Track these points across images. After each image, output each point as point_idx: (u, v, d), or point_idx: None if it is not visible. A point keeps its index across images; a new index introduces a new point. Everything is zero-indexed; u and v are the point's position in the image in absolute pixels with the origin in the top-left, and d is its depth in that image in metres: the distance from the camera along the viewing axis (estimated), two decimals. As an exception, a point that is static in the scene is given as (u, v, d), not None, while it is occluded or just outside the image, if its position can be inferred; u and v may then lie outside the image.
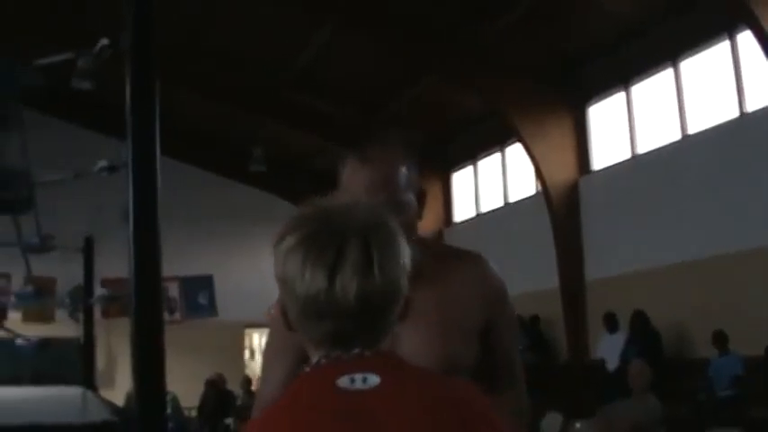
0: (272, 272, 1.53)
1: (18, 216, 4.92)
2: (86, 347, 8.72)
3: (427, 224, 17.55)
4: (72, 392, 6.51)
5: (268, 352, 2.35)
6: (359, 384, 1.34)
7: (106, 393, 14.67)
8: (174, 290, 18.50)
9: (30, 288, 9.81)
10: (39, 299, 10.36)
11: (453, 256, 2.35)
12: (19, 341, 9.62)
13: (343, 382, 1.35)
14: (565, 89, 13.83)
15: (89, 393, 6.99)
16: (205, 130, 20.02)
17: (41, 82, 4.60)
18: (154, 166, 3.97)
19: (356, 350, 1.40)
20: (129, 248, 3.91)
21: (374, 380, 1.35)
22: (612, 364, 11.72)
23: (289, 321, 1.50)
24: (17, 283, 14.29)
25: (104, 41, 4.14)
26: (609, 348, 12.00)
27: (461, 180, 17.57)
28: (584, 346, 13.37)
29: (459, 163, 17.43)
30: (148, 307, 3.96)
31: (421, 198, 2.29)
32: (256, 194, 20.61)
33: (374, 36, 14.16)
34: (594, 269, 13.40)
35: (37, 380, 12.70)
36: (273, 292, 1.61)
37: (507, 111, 13.83)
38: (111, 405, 5.86)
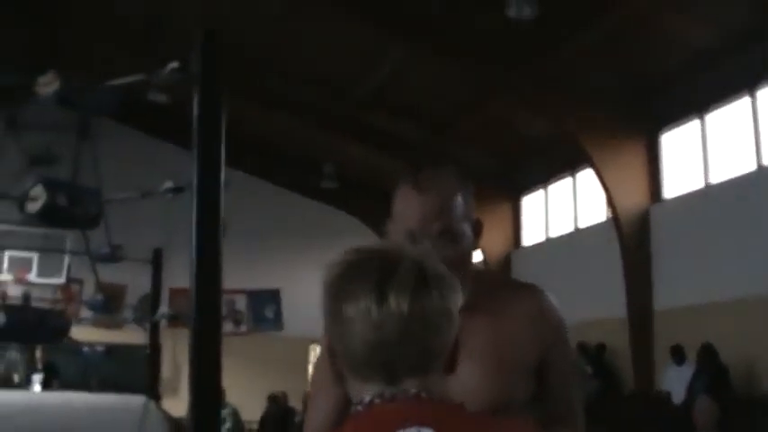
0: None
1: (86, 231, 5.04)
2: (152, 357, 8.85)
3: (496, 247, 17.49)
4: (134, 402, 6.58)
5: (316, 382, 2.32)
6: None
7: (170, 402, 14.91)
8: (241, 302, 18.72)
9: (99, 297, 10.06)
10: (106, 308, 10.63)
11: (510, 288, 2.30)
12: (86, 348, 9.91)
13: None
14: (639, 116, 13.66)
15: (151, 404, 7.08)
16: (278, 146, 20.27)
17: (114, 102, 4.72)
18: (218, 190, 4.05)
19: (411, 390, 1.38)
20: (190, 270, 3.97)
21: None
22: (678, 397, 11.48)
23: (335, 362, 1.50)
24: (89, 288, 14.67)
25: (174, 64, 4.24)
26: (675, 381, 11.77)
27: (532, 204, 17.46)
28: (650, 377, 13.13)
29: (530, 186, 17.33)
30: (207, 330, 4.00)
31: (477, 228, 2.21)
32: (327, 211, 20.79)
33: (448, 57, 14.19)
34: (663, 299, 13.16)
35: (104, 385, 12.95)
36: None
37: (580, 136, 13.71)
38: (170, 418, 5.94)
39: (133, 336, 14.28)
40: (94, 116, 4.62)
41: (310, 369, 21.25)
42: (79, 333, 14.85)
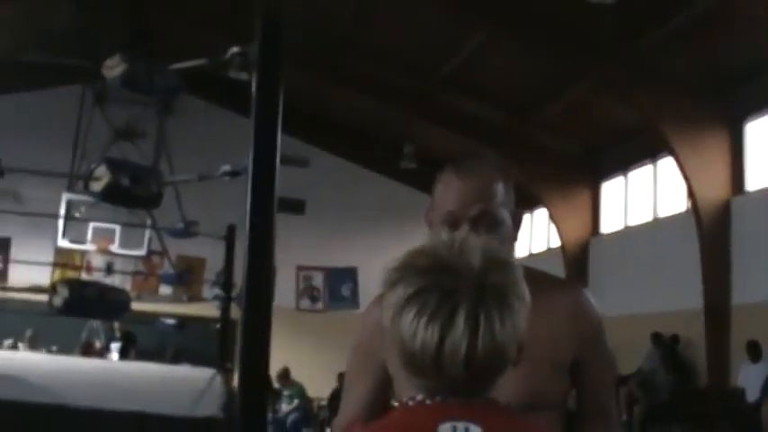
0: None
1: (148, 210, 5.18)
2: (223, 331, 9.03)
3: (574, 233, 17.32)
4: (200, 376, 6.71)
5: (350, 372, 2.33)
6: None
7: (246, 374, 15.20)
8: (318, 279, 18.95)
9: (171, 271, 10.33)
10: (180, 281, 10.92)
11: (550, 284, 2.24)
12: (158, 322, 10.23)
13: (445, 429, 1.34)
14: (722, 105, 13.31)
15: (218, 378, 7.21)
16: (360, 126, 20.41)
17: (180, 83, 4.84)
18: (272, 175, 4.10)
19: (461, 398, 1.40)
20: (244, 251, 4.06)
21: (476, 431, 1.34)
22: (753, 395, 11.24)
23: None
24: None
25: (235, 49, 4.33)
26: (750, 378, 11.52)
27: (611, 191, 17.20)
28: (725, 372, 12.87)
29: (609, 173, 17.08)
30: (257, 316, 4.07)
31: (517, 219, 2.20)
32: (406, 191, 20.82)
33: (530, 42, 14.08)
34: (742, 293, 12.85)
35: (178, 356, 13.26)
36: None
37: (661, 124, 13.45)
38: (230, 394, 6.06)
39: (212, 308, 14.65)
40: (162, 98, 4.75)
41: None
42: (158, 303, 15.26)
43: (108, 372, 6.12)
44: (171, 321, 10.12)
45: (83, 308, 4.85)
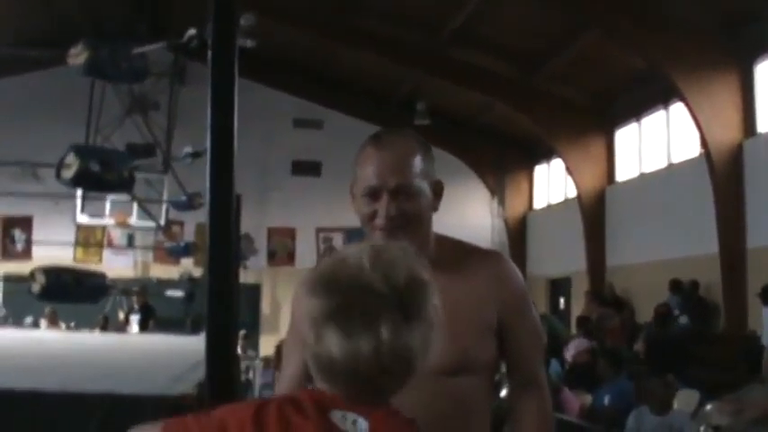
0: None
1: (124, 192, 5.26)
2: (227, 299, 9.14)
3: (590, 183, 17.23)
4: (200, 347, 6.78)
5: (286, 345, 2.46)
6: (348, 426, 1.44)
7: (270, 338, 15.43)
8: (338, 240, 19.14)
9: (173, 244, 10.43)
10: (185, 253, 11.02)
11: (472, 253, 2.35)
12: (168, 292, 10.39)
13: (336, 416, 1.45)
14: (731, 46, 13.08)
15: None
16: (372, 85, 20.36)
17: (146, 66, 4.89)
18: (230, 155, 4.15)
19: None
20: (205, 235, 4.14)
21: (362, 426, 1.45)
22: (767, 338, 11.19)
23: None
24: (189, 229, 15.17)
25: (192, 32, 4.37)
26: (765, 322, 11.47)
27: (625, 138, 17.03)
28: (742, 316, 12.81)
29: (623, 121, 16.90)
30: (222, 286, 4.16)
31: (436, 189, 2.28)
32: (422, 148, 20.79)
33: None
34: (758, 237, 12.72)
35: (199, 324, 13.37)
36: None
37: (670, 68, 13.26)
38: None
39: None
40: (128, 83, 4.78)
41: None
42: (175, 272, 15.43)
43: (93, 351, 6.21)
44: (178, 293, 10.25)
45: (60, 293, 4.96)
